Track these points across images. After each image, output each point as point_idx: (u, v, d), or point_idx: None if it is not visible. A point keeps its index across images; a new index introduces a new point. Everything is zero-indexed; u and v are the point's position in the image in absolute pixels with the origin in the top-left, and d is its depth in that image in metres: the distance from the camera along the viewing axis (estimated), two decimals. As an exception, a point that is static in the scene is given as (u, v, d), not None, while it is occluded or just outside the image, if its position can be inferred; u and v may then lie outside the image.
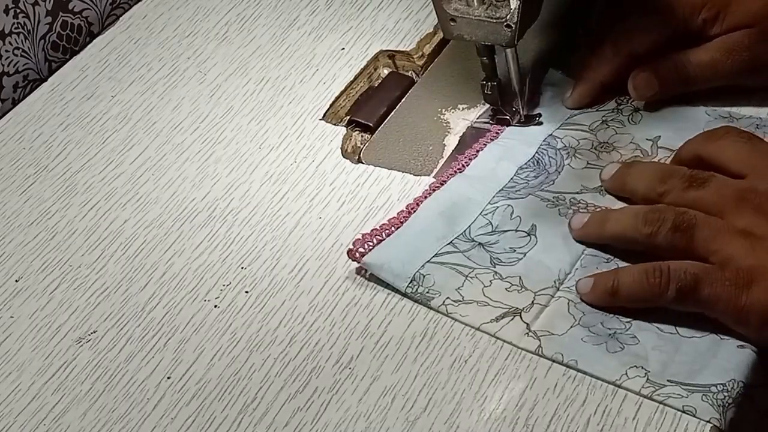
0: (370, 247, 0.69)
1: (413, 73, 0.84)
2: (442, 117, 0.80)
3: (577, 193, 0.71)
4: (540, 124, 0.76)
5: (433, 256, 0.68)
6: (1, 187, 0.79)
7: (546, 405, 0.61)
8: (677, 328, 0.63)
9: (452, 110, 0.80)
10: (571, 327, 0.64)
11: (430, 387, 0.63)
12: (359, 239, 0.69)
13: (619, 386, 0.61)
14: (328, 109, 0.81)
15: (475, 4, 0.72)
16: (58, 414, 0.64)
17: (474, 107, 0.80)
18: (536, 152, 0.74)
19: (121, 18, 0.92)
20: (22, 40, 0.87)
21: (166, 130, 0.81)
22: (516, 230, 0.70)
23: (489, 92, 0.76)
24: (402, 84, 0.83)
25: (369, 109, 0.81)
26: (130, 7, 0.94)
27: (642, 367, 0.61)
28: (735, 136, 0.68)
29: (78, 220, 0.75)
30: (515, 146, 0.75)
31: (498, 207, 0.71)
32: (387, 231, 0.70)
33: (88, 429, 0.63)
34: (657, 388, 0.60)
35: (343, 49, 0.86)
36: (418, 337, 0.65)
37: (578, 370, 0.62)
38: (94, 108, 0.84)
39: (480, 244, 0.69)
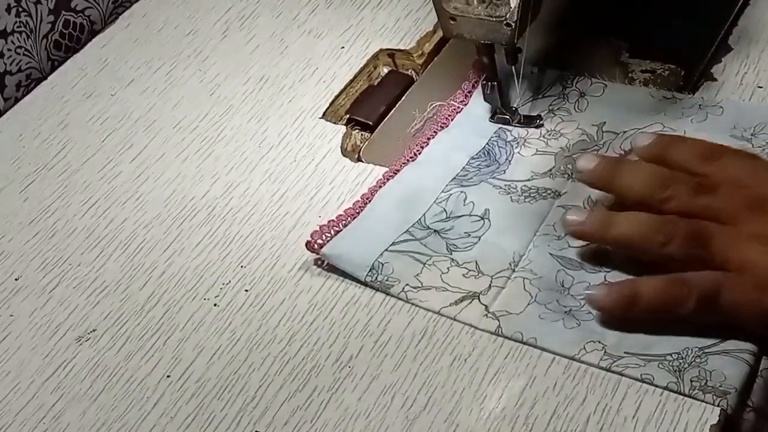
0: (328, 238, 0.69)
1: (413, 72, 0.84)
2: (441, 116, 0.80)
3: (528, 180, 0.73)
4: (541, 126, 0.76)
5: (391, 245, 0.69)
6: (1, 185, 0.79)
7: (546, 403, 0.61)
8: None
9: (452, 109, 0.80)
10: (528, 305, 0.65)
11: (430, 385, 0.63)
12: (317, 231, 0.70)
13: (578, 360, 0.62)
14: (328, 108, 0.81)
15: (475, 2, 0.72)
16: (58, 413, 0.64)
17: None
18: (487, 143, 0.76)
19: (121, 16, 0.92)
20: (24, 39, 0.87)
21: (166, 129, 0.81)
22: (470, 215, 0.71)
23: (489, 92, 0.76)
24: (402, 82, 0.83)
25: (369, 107, 0.81)
26: (132, 5, 0.93)
27: (599, 341, 0.63)
28: (733, 154, 0.67)
29: (77, 218, 0.75)
30: (466, 136, 0.76)
31: (451, 194, 0.72)
32: (344, 222, 0.71)
33: (88, 428, 0.63)
34: (615, 359, 0.62)
35: (343, 47, 0.86)
36: (418, 335, 0.65)
37: (538, 347, 0.63)
38: (94, 107, 0.84)
39: (435, 231, 0.70)
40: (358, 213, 0.72)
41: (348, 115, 0.81)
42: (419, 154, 0.75)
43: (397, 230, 0.70)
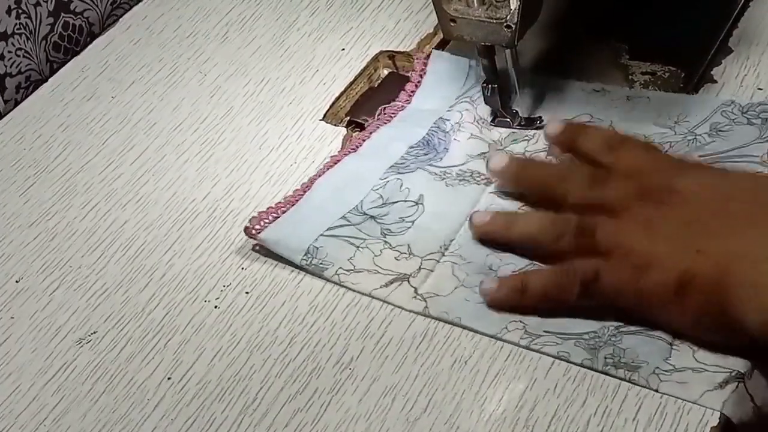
0: (266, 224, 0.70)
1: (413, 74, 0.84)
2: (442, 118, 0.80)
3: (463, 164, 0.74)
4: (541, 127, 0.76)
5: (326, 230, 0.70)
6: (2, 188, 0.79)
7: (546, 406, 0.61)
8: None
9: (452, 111, 0.80)
10: (456, 288, 0.67)
11: (431, 387, 0.63)
12: (255, 217, 0.71)
13: (499, 339, 0.64)
14: (328, 110, 0.81)
15: (475, 4, 0.72)
16: (59, 415, 0.64)
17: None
18: (426, 133, 0.77)
19: (121, 19, 0.92)
20: (24, 41, 0.87)
21: (166, 131, 0.81)
22: (405, 201, 0.72)
23: (489, 95, 0.76)
24: (402, 84, 0.83)
25: (369, 109, 0.81)
26: (131, 7, 0.94)
27: (520, 321, 0.64)
28: (633, 145, 0.70)
29: (78, 221, 0.75)
30: (407, 128, 0.78)
31: (389, 181, 0.74)
32: (282, 209, 0.72)
33: (89, 430, 0.63)
34: (534, 338, 0.64)
35: (343, 49, 0.86)
36: (419, 337, 0.65)
37: (462, 326, 0.65)
38: (94, 109, 0.84)
39: (371, 216, 0.71)
40: (297, 201, 0.73)
41: (348, 117, 0.81)
42: (360, 146, 0.76)
43: (333, 216, 0.71)
